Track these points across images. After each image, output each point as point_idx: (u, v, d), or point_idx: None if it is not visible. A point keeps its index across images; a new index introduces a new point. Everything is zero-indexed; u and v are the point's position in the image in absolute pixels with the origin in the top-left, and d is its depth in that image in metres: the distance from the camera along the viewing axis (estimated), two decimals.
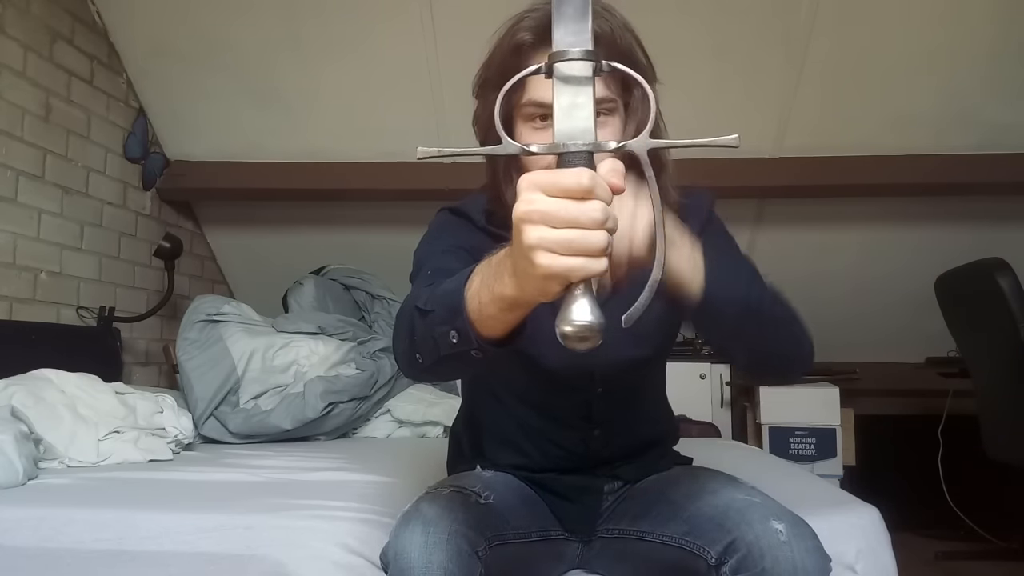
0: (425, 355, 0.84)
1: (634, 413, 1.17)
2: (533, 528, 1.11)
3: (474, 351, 0.78)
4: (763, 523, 0.91)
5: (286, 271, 3.06)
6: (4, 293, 2.21)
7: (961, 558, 2.79)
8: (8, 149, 2.22)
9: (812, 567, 0.88)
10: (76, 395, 1.87)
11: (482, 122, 1.06)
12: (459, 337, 0.78)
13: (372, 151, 2.87)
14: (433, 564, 0.89)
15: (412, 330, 0.85)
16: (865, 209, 2.92)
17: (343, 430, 2.47)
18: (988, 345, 2.59)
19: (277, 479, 1.64)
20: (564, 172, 0.64)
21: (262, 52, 2.70)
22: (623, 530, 1.11)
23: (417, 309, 0.84)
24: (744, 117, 2.71)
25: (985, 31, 2.48)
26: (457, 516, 0.94)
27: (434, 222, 1.15)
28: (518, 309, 0.74)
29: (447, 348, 0.80)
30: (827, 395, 2.90)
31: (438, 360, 0.82)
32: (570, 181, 0.63)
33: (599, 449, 1.16)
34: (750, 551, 0.89)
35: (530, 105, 0.99)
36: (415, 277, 1.03)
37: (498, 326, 0.76)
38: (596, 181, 0.64)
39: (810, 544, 0.90)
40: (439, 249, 1.05)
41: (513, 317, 0.75)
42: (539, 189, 0.64)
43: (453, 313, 0.78)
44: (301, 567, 1.16)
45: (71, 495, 1.43)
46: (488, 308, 0.75)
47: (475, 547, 0.93)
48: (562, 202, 0.63)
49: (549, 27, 0.87)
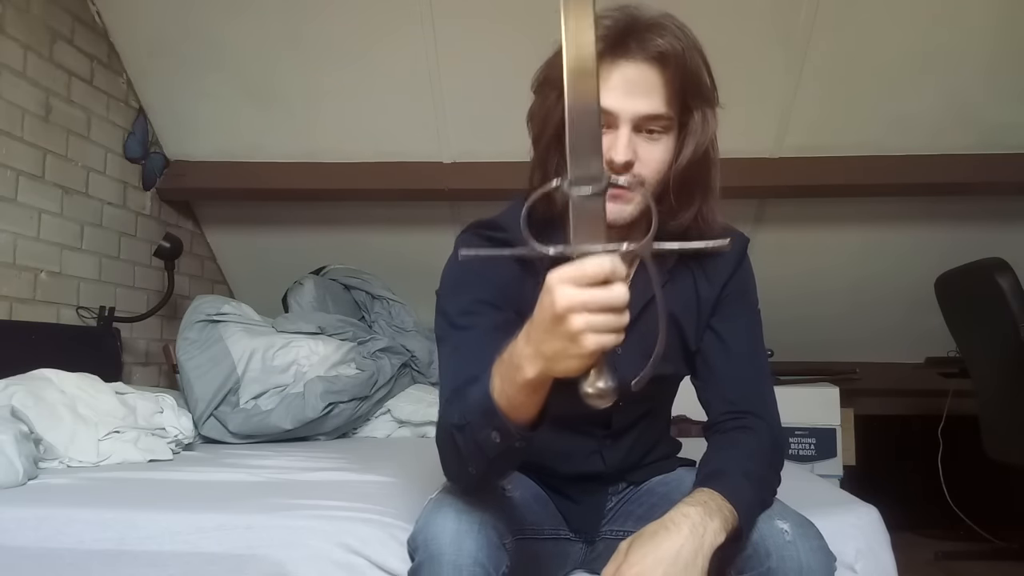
0: (475, 464, 0.91)
1: (649, 426, 1.18)
2: (546, 526, 1.11)
3: (517, 442, 0.86)
4: (768, 522, 0.91)
5: (286, 271, 3.06)
6: (4, 293, 2.21)
7: (961, 558, 2.79)
8: (8, 149, 2.22)
9: (817, 566, 0.88)
10: (76, 395, 1.87)
11: (537, 119, 1.04)
12: (500, 435, 0.86)
13: (372, 151, 2.87)
14: (464, 552, 0.89)
15: (456, 446, 0.92)
16: (865, 209, 2.92)
17: (343, 430, 2.48)
18: (988, 345, 2.59)
19: (277, 479, 1.64)
20: (587, 262, 0.74)
21: (262, 52, 2.70)
22: (627, 532, 1.11)
23: (455, 427, 0.91)
24: (744, 117, 2.71)
25: (985, 31, 2.48)
26: (488, 506, 0.94)
27: (452, 260, 1.07)
28: (541, 388, 0.83)
29: (493, 450, 0.87)
30: (827, 395, 2.90)
31: (488, 464, 0.90)
32: (596, 269, 0.73)
33: (612, 462, 1.16)
34: (755, 551, 0.90)
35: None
36: (440, 344, 1.07)
37: (529, 409, 0.85)
38: (616, 265, 0.74)
39: (815, 543, 0.90)
40: (460, 309, 1.03)
41: (539, 397, 0.84)
42: (571, 282, 0.74)
43: (488, 416, 0.86)
44: (301, 567, 1.16)
45: (71, 495, 1.43)
46: (516, 398, 0.84)
47: (503, 538, 0.94)
48: (595, 291, 0.74)
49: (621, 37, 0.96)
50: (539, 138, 1.01)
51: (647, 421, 1.17)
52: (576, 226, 0.77)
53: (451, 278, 1.07)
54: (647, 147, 0.99)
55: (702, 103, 1.02)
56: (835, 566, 0.91)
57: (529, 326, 0.81)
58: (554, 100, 0.97)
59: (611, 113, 0.97)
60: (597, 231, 0.76)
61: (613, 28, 0.98)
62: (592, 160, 0.77)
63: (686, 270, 1.12)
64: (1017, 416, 2.47)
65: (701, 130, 1.01)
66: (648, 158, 0.99)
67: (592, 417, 1.13)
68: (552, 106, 0.98)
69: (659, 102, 0.98)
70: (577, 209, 0.77)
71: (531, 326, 0.80)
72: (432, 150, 2.87)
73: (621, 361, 1.05)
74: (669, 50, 0.97)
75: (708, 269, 1.11)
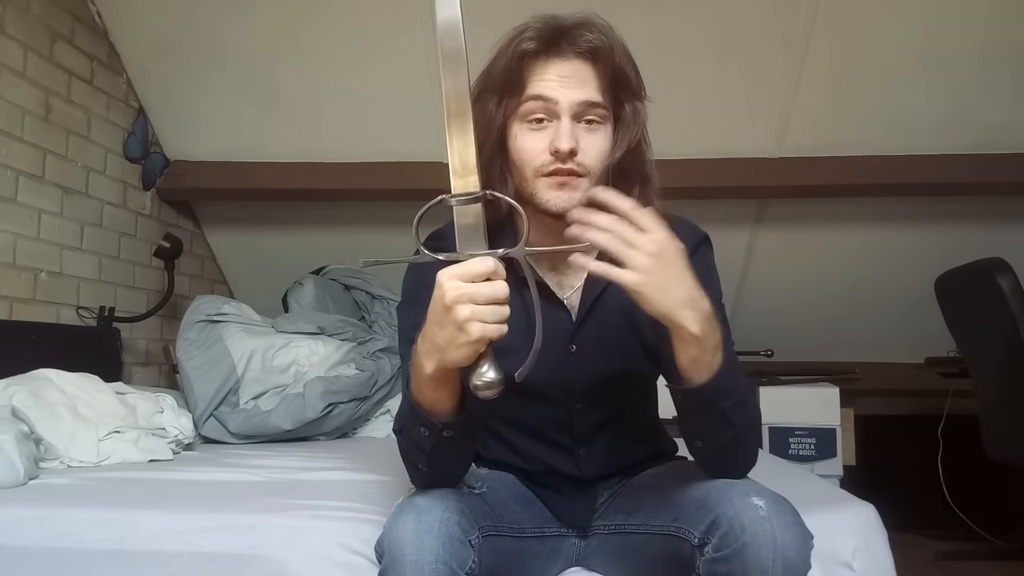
0: (420, 460, 1.00)
1: (620, 433, 1.17)
2: (527, 525, 1.11)
3: (444, 432, 0.96)
4: (743, 499, 0.92)
5: (286, 271, 3.05)
6: (4, 293, 2.21)
7: (961, 558, 2.79)
8: (8, 149, 2.22)
9: (791, 541, 0.89)
10: (76, 395, 1.87)
11: (480, 127, 1.05)
12: (428, 429, 0.96)
13: (372, 151, 2.87)
14: (424, 550, 0.90)
15: (404, 449, 1.03)
16: (865, 209, 2.92)
17: (343, 430, 2.48)
18: (988, 345, 2.59)
19: (277, 479, 1.64)
20: (473, 262, 0.87)
21: (263, 52, 2.70)
22: (618, 525, 1.12)
23: (397, 432, 1.04)
24: (745, 117, 2.71)
25: (984, 31, 2.48)
26: (449, 504, 0.95)
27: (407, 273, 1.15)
28: (446, 382, 0.93)
29: (426, 443, 0.97)
30: (827, 395, 2.91)
31: (429, 456, 0.99)
32: (481, 267, 0.86)
33: (589, 469, 1.16)
34: (731, 527, 0.90)
35: (528, 100, 1.04)
36: (402, 360, 1.11)
37: (443, 402, 0.95)
38: (498, 266, 0.87)
39: (790, 519, 0.90)
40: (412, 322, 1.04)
41: (447, 390, 0.94)
42: (458, 278, 0.86)
43: (414, 415, 0.97)
44: (302, 567, 1.16)
45: (72, 495, 1.43)
46: (428, 394, 0.94)
47: (467, 535, 0.94)
48: (480, 285, 0.86)
49: (552, 37, 1.04)
50: (483, 145, 1.03)
51: (619, 424, 1.17)
52: (460, 233, 0.91)
53: (405, 292, 1.15)
54: (588, 137, 1.04)
55: (631, 96, 1.08)
56: (811, 543, 0.91)
57: (425, 324, 0.90)
58: (493, 107, 1.06)
59: (550, 99, 1.03)
60: (478, 236, 0.90)
61: (543, 30, 1.05)
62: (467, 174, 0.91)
63: None
64: (1017, 416, 2.47)
65: (633, 121, 1.07)
66: (590, 148, 1.04)
67: (555, 423, 1.14)
68: (492, 113, 1.05)
69: (594, 92, 1.04)
70: (460, 218, 0.91)
71: (426, 323, 0.90)
72: (432, 150, 2.85)
73: (576, 358, 1.11)
74: (600, 45, 1.04)
75: None
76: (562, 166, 1.02)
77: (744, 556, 0.88)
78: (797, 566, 0.88)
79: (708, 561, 0.92)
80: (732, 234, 2.98)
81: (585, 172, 1.03)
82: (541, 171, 1.03)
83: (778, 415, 2.84)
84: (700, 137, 2.67)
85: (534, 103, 1.03)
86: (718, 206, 2.86)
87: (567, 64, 1.04)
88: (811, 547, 0.91)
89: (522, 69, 1.04)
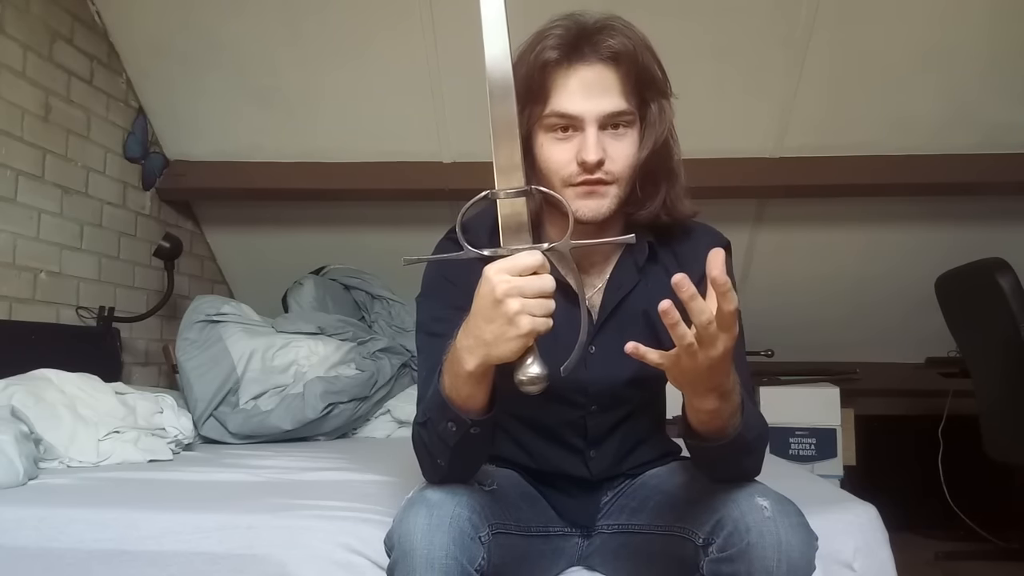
0: (441, 455, 0.98)
1: (630, 435, 1.17)
2: (533, 523, 1.11)
3: (472, 429, 0.95)
4: (748, 500, 0.92)
5: (286, 271, 3.06)
6: (4, 293, 2.21)
7: (961, 558, 2.79)
8: (8, 149, 2.22)
9: (797, 542, 0.89)
10: (76, 395, 1.87)
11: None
12: (456, 425, 0.95)
13: (372, 151, 2.87)
14: (435, 545, 0.89)
15: (424, 442, 1.00)
16: (865, 209, 2.92)
17: (343, 430, 2.48)
18: (988, 345, 2.59)
19: (277, 479, 1.64)
20: (522, 256, 0.87)
21: (262, 51, 2.70)
22: (622, 525, 1.12)
23: (420, 425, 1.01)
24: (744, 117, 2.71)
25: (985, 31, 2.48)
26: (460, 500, 0.95)
27: (428, 266, 1.14)
28: (483, 379, 0.92)
29: (452, 438, 0.96)
30: (827, 395, 2.91)
31: (452, 452, 0.97)
32: (529, 261, 0.86)
33: (598, 470, 1.16)
34: (736, 527, 0.90)
35: (553, 116, 1.03)
36: (418, 350, 1.13)
37: (477, 399, 0.94)
38: (543, 259, 0.87)
39: (795, 520, 0.91)
40: (433, 315, 1.09)
41: (483, 387, 0.93)
42: (506, 272, 0.86)
43: (442, 410, 0.95)
44: (302, 567, 1.16)
45: (71, 495, 1.43)
46: (463, 390, 0.92)
47: (478, 531, 0.94)
48: (528, 279, 0.85)
49: (574, 43, 1.04)
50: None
51: (629, 426, 1.17)
52: (504, 229, 0.92)
53: (426, 284, 1.14)
54: (615, 144, 1.04)
55: (657, 95, 1.07)
56: (816, 544, 0.92)
57: (468, 319, 0.89)
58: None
59: (576, 116, 1.02)
60: (522, 231, 0.91)
61: (565, 36, 1.03)
62: (512, 172, 0.92)
63: (659, 267, 1.13)
64: (1017, 416, 2.47)
65: (659, 120, 1.07)
66: (617, 154, 1.04)
67: (569, 424, 1.14)
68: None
69: (618, 99, 1.04)
70: (504, 213, 0.92)
71: (470, 318, 0.89)
72: (432, 150, 2.87)
73: (594, 359, 1.10)
74: (621, 49, 1.03)
75: (683, 265, 1.10)
76: (590, 176, 1.02)
77: (749, 556, 0.88)
78: (802, 567, 0.88)
79: (712, 561, 0.92)
80: (732, 234, 2.90)
81: (613, 179, 1.04)
82: (569, 181, 1.04)
83: (778, 415, 2.84)
84: (700, 137, 2.65)
85: (556, 119, 1.03)
86: (718, 206, 2.86)
87: (590, 71, 1.03)
88: (816, 548, 0.91)
89: (544, 78, 1.03)
